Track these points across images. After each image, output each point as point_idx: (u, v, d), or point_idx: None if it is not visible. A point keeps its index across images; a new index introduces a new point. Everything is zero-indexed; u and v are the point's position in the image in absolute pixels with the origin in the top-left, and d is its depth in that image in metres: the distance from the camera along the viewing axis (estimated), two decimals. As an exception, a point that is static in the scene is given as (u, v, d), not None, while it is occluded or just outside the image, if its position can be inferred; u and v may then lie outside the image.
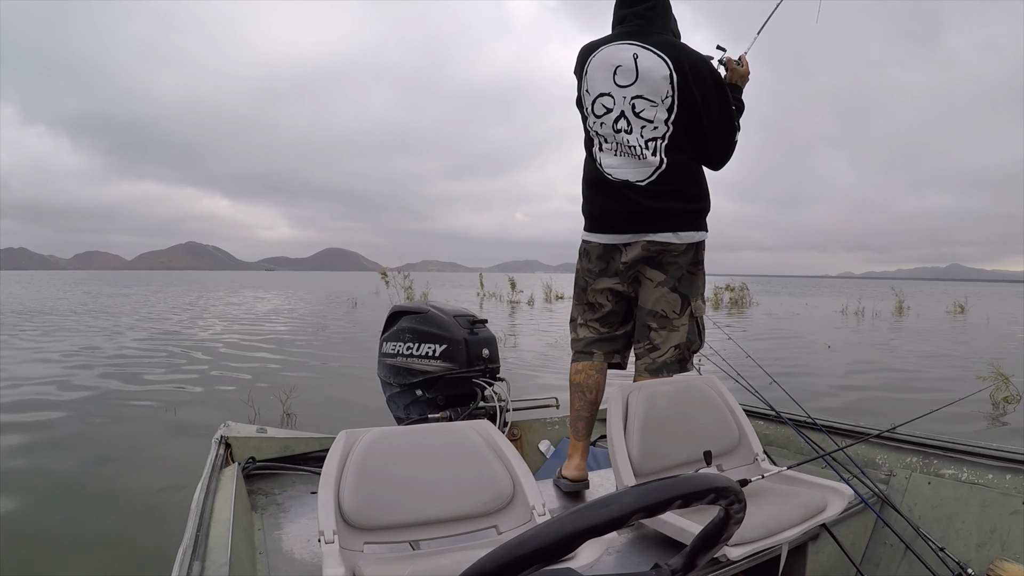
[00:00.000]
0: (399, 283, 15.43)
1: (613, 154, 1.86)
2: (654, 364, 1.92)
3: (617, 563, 1.43)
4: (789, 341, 10.95)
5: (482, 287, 24.31)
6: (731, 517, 0.62)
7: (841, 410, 5.28)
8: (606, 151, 1.88)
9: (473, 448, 1.42)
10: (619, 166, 1.85)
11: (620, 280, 1.93)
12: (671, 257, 1.86)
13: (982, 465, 1.82)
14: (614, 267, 1.92)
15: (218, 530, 1.26)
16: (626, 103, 1.82)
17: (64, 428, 4.52)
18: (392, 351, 2.45)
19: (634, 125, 1.82)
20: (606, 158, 1.88)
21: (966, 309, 20.87)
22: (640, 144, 1.82)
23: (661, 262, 1.87)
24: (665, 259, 1.86)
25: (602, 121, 1.86)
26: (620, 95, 1.83)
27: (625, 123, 1.82)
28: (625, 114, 1.82)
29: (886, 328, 14.15)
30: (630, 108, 1.82)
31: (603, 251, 1.92)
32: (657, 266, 1.87)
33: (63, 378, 6.43)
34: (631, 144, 1.82)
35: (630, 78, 1.81)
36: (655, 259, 1.87)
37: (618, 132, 1.83)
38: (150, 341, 9.90)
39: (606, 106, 1.85)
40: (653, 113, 1.81)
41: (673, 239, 1.84)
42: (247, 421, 4.45)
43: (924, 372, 7.71)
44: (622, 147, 1.84)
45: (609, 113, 1.84)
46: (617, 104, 1.83)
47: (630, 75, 1.81)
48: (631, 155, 1.83)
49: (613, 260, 1.91)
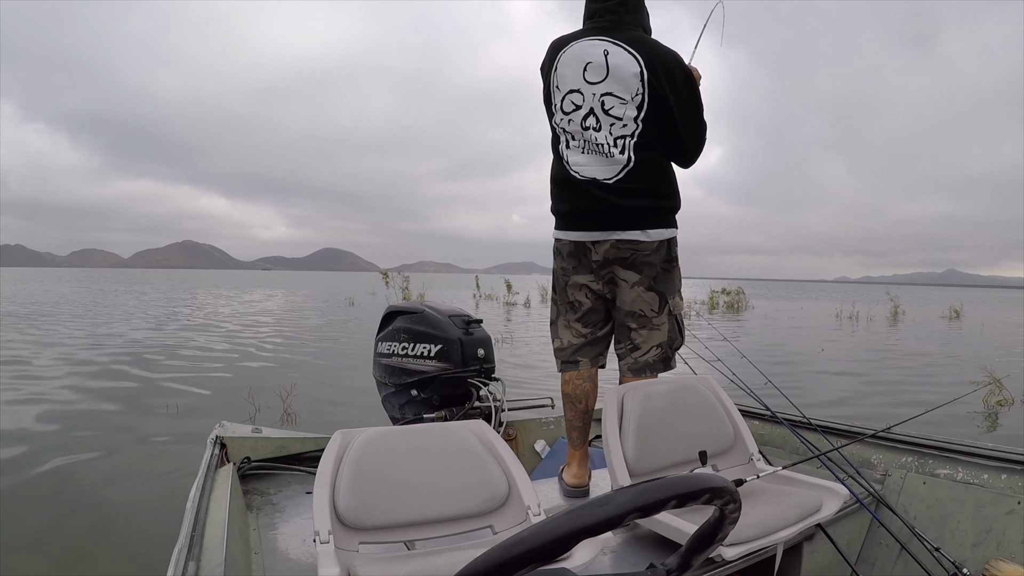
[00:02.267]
0: (397, 284, 15.44)
1: (580, 152, 1.84)
2: (636, 364, 1.91)
3: (612, 563, 1.43)
4: (783, 344, 10.98)
5: (478, 288, 24.31)
6: (726, 517, 0.62)
7: (832, 411, 5.30)
8: (573, 149, 1.85)
9: (468, 448, 1.42)
10: (586, 164, 1.83)
11: (595, 278, 1.91)
12: (643, 256, 1.84)
13: (977, 465, 1.83)
14: (587, 264, 1.90)
15: (214, 530, 1.26)
16: (595, 100, 1.80)
17: (60, 425, 4.50)
18: (387, 351, 2.45)
19: (603, 122, 1.80)
20: (573, 156, 1.85)
21: (961, 314, 20.92)
22: (608, 142, 1.79)
23: (634, 262, 1.85)
24: (637, 259, 1.84)
25: (570, 118, 1.84)
26: (590, 92, 1.80)
27: (594, 120, 1.80)
28: (594, 111, 1.80)
29: (881, 333, 14.19)
30: (599, 105, 1.79)
31: (574, 248, 1.91)
32: (630, 267, 1.86)
33: (63, 377, 6.41)
34: (599, 142, 1.80)
35: (600, 75, 1.79)
36: (627, 260, 1.85)
37: (586, 130, 1.81)
38: (146, 338, 9.88)
39: (575, 103, 1.83)
40: (622, 111, 1.78)
41: (642, 237, 1.82)
42: (247, 419, 4.46)
43: (915, 376, 7.73)
44: (590, 144, 1.81)
45: (578, 110, 1.82)
46: (586, 101, 1.81)
47: (600, 72, 1.79)
48: (599, 153, 1.81)
49: (585, 257, 1.89)
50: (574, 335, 1.98)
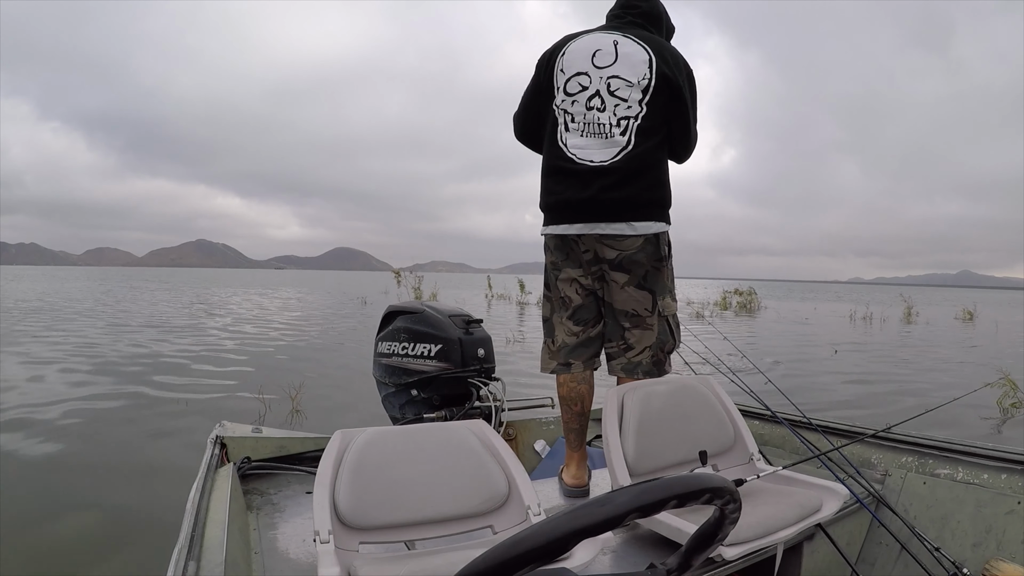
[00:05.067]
0: (410, 283, 15.43)
1: (579, 135, 1.82)
2: (629, 364, 1.90)
3: (612, 563, 1.43)
4: (796, 346, 10.97)
5: (490, 288, 24.29)
6: (726, 517, 0.62)
7: (839, 411, 5.30)
8: (572, 131, 1.84)
9: (469, 448, 1.42)
10: (584, 146, 1.81)
11: (584, 272, 1.88)
12: (630, 255, 1.81)
13: (977, 465, 1.83)
14: (575, 258, 1.88)
15: (214, 530, 1.26)
16: (602, 82, 1.81)
17: (64, 421, 4.52)
18: (387, 351, 2.45)
19: (607, 103, 1.80)
20: (572, 138, 1.84)
21: (975, 316, 20.91)
22: (612, 122, 1.79)
23: (621, 263, 1.83)
24: (625, 258, 1.82)
25: (574, 99, 1.84)
26: (597, 75, 1.82)
27: (599, 101, 1.81)
28: (600, 92, 1.81)
29: (894, 334, 14.15)
30: (606, 87, 1.81)
31: (560, 242, 1.89)
32: (618, 268, 1.84)
33: (65, 376, 6.41)
34: (601, 122, 1.79)
35: (609, 60, 1.83)
36: (614, 261, 1.83)
37: (590, 110, 1.81)
38: (159, 336, 9.90)
39: (581, 84, 1.83)
40: (628, 93, 1.80)
41: (627, 230, 1.79)
42: (256, 417, 4.48)
43: (927, 377, 7.70)
44: (591, 126, 1.81)
45: (583, 91, 1.82)
46: (593, 83, 1.82)
47: (609, 57, 1.83)
48: (598, 134, 1.80)
49: (572, 251, 1.88)
50: (567, 333, 1.95)
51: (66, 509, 2.96)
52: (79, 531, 2.74)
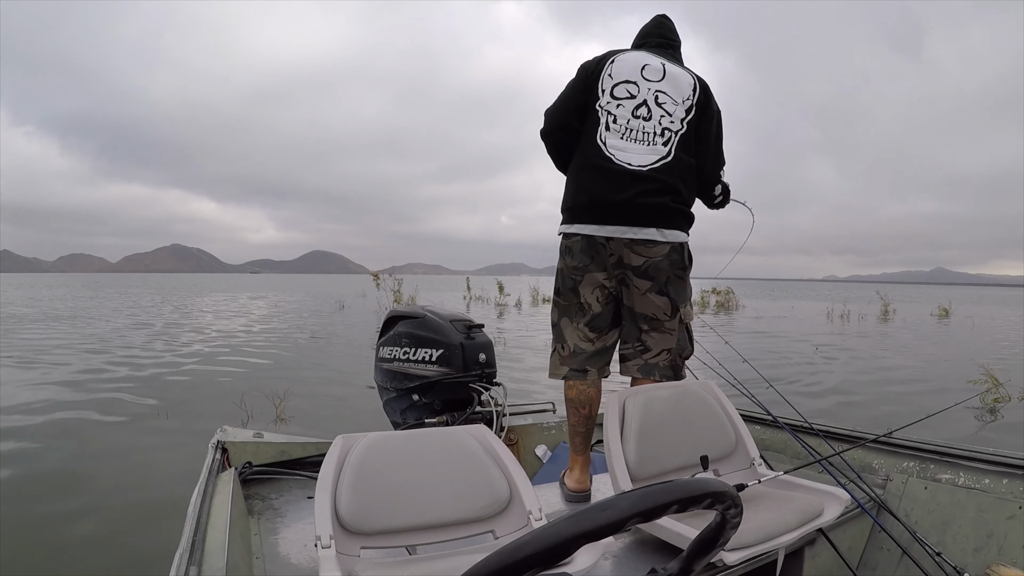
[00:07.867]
0: (389, 286, 15.38)
1: (620, 136, 1.85)
2: (645, 365, 1.91)
3: (613, 568, 1.43)
4: (777, 344, 10.99)
5: (469, 290, 24.24)
6: (727, 522, 0.62)
7: (827, 412, 5.29)
8: (613, 132, 1.86)
9: (470, 453, 1.42)
10: (624, 148, 1.84)
11: (608, 276, 1.88)
12: (656, 263, 1.83)
13: (978, 470, 1.83)
14: (600, 261, 1.86)
15: (215, 535, 1.26)
16: (650, 93, 1.87)
17: (55, 429, 4.49)
18: (389, 356, 2.45)
19: (654, 113, 1.86)
20: (612, 139, 1.86)
21: (950, 313, 21.07)
22: (656, 131, 1.84)
23: (646, 270, 1.84)
24: (650, 266, 1.83)
25: (620, 103, 1.87)
26: (646, 86, 1.88)
27: (645, 110, 1.86)
28: (647, 102, 1.86)
29: (873, 331, 14.20)
30: (653, 98, 1.87)
31: (586, 244, 1.87)
32: (643, 275, 1.84)
33: (54, 382, 6.40)
34: (646, 130, 1.85)
35: (658, 76, 1.89)
36: (640, 268, 1.83)
37: (636, 117, 1.85)
38: (141, 344, 9.88)
39: (630, 92, 1.87)
40: (673, 108, 1.87)
41: (658, 236, 1.81)
42: (239, 425, 4.45)
43: (911, 374, 7.73)
44: (633, 132, 1.85)
45: (632, 99, 1.87)
46: (641, 92, 1.87)
47: (658, 73, 1.89)
48: (640, 140, 1.84)
49: (598, 254, 1.86)
50: (581, 338, 1.94)
51: (47, 520, 2.96)
52: (57, 540, 2.74)
